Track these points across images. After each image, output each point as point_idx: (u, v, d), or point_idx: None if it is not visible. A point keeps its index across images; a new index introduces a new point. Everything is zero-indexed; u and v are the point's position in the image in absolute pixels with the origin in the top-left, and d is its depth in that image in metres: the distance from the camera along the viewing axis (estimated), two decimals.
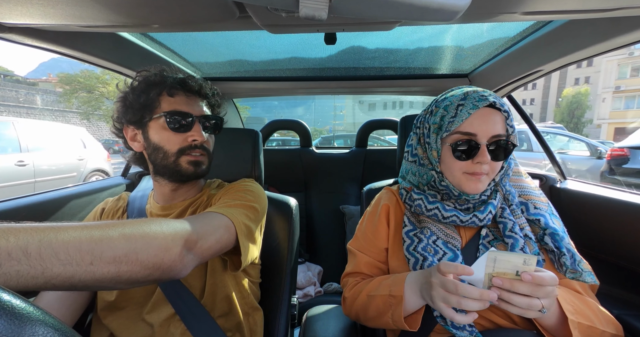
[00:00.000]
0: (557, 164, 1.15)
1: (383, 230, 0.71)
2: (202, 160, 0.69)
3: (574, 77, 33.77)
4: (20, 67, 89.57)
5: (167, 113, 0.65)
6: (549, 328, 0.53)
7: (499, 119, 0.59)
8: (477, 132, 0.58)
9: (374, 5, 0.40)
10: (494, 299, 0.44)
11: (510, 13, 0.56)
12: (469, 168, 0.60)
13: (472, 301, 0.45)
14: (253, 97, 1.75)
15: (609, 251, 0.90)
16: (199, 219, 0.55)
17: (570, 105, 26.83)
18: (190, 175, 0.68)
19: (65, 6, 0.52)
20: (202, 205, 0.72)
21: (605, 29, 0.67)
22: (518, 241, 0.58)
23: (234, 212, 0.62)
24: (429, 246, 0.62)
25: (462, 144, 0.59)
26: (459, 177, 0.61)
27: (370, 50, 1.14)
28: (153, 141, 0.67)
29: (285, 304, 0.81)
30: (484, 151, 0.58)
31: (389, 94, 1.63)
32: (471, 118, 0.59)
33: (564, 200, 1.04)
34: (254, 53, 1.16)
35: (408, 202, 0.70)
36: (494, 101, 0.58)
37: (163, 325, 0.64)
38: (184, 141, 0.66)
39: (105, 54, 0.88)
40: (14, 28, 0.63)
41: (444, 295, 0.47)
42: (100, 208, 0.77)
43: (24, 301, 0.21)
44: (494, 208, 0.62)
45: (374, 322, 0.63)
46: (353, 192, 1.97)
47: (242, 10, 0.56)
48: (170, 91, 0.67)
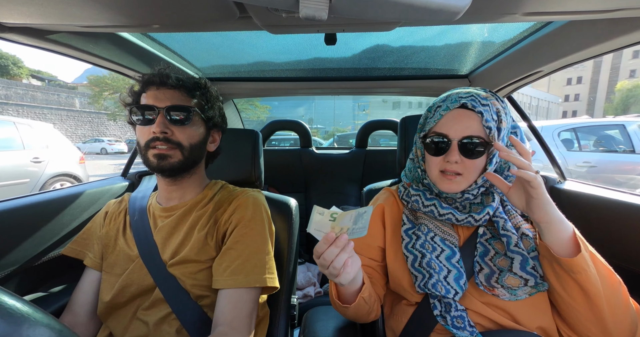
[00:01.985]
0: (557, 165, 1.15)
1: (377, 229, 0.72)
2: (168, 154, 0.66)
3: (630, 69, 29.52)
4: (67, 73, 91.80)
5: (131, 109, 0.68)
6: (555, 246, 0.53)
7: (473, 120, 0.60)
8: (448, 133, 0.62)
9: (374, 5, 0.40)
10: (330, 237, 0.49)
11: (510, 14, 0.56)
12: (442, 165, 0.63)
13: (327, 248, 0.49)
14: (254, 97, 1.75)
15: (610, 251, 0.90)
16: (236, 315, 0.62)
17: (626, 100, 23.94)
18: (155, 168, 0.67)
19: (66, 6, 0.52)
20: (208, 213, 0.72)
21: (606, 30, 0.67)
22: (511, 237, 0.59)
23: (255, 271, 0.66)
24: (427, 243, 0.63)
25: (433, 142, 0.64)
26: (436, 175, 0.64)
27: (371, 51, 1.14)
28: (136, 137, 0.70)
29: (285, 305, 0.81)
30: (453, 149, 0.61)
31: (390, 95, 1.63)
32: (444, 119, 0.63)
33: (564, 200, 1.04)
34: (254, 53, 1.16)
35: (405, 198, 0.71)
36: (465, 103, 0.61)
37: (158, 323, 0.64)
38: (150, 134, 0.66)
39: (105, 54, 0.88)
40: (14, 28, 0.63)
41: (319, 263, 0.51)
42: (104, 212, 0.78)
43: (23, 302, 0.21)
44: (492, 210, 0.63)
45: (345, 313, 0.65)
46: (353, 192, 1.96)
47: (242, 10, 0.56)
48: (144, 86, 0.69)
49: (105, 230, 0.75)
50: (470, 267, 0.61)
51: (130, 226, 0.73)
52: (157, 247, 0.69)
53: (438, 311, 0.59)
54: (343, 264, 0.49)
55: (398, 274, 0.66)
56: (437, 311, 0.59)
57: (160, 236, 0.70)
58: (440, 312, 0.59)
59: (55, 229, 0.71)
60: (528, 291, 0.57)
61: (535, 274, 0.56)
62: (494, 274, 0.58)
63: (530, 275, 0.56)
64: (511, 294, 0.57)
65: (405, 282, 0.65)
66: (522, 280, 0.56)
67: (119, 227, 0.74)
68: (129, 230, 0.73)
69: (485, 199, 0.64)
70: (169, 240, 0.70)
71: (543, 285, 0.56)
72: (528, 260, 0.57)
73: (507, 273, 0.57)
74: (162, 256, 0.68)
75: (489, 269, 0.59)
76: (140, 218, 0.73)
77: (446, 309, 0.58)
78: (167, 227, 0.71)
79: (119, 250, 0.71)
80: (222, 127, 0.79)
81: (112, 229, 0.75)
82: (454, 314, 0.57)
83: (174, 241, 0.69)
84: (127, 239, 0.72)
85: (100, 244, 0.74)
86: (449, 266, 0.60)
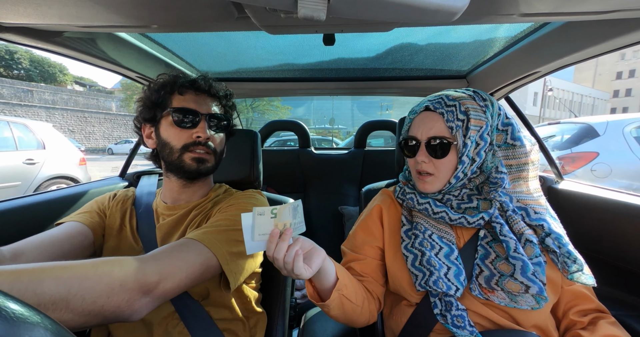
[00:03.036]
0: (554, 165, 1.16)
1: (377, 230, 0.72)
2: (206, 158, 0.70)
3: None
4: (106, 79, 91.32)
5: (173, 109, 0.68)
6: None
7: (437, 121, 0.64)
8: (416, 135, 0.67)
9: (372, 6, 0.40)
10: (276, 233, 0.49)
11: (508, 15, 0.57)
12: (415, 166, 0.68)
13: (273, 245, 0.49)
14: (253, 98, 1.75)
15: (607, 251, 0.90)
16: (168, 253, 0.52)
17: None
18: (192, 171, 0.69)
19: (63, 6, 0.51)
20: (204, 211, 0.72)
21: (603, 31, 0.68)
22: (509, 242, 0.58)
23: (218, 239, 0.58)
24: (425, 241, 0.63)
25: (406, 145, 0.70)
26: (414, 176, 0.69)
27: (369, 52, 1.14)
28: (162, 137, 0.70)
29: (284, 306, 0.81)
30: (421, 150, 0.65)
31: (388, 95, 1.63)
32: (413, 122, 0.69)
33: (562, 200, 1.05)
34: (253, 54, 1.16)
35: (400, 196, 0.72)
36: (428, 105, 0.65)
37: (161, 323, 0.63)
38: (189, 138, 0.68)
39: (103, 54, 0.88)
40: (11, 28, 0.63)
41: (277, 265, 0.51)
42: (112, 193, 0.78)
43: (21, 303, 0.21)
44: (487, 216, 0.62)
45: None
46: (352, 193, 1.97)
47: (240, 10, 0.56)
48: (181, 90, 0.70)
49: (111, 210, 0.74)
50: (470, 270, 0.61)
51: (136, 218, 0.73)
52: (157, 244, 0.69)
53: (438, 310, 0.59)
54: (294, 256, 0.48)
55: (397, 275, 0.66)
56: (438, 309, 0.59)
57: (160, 233, 0.71)
58: (441, 311, 0.59)
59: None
60: (531, 304, 0.55)
61: (535, 280, 0.55)
62: (494, 277, 0.58)
63: (531, 281, 0.54)
64: (511, 299, 0.56)
65: (405, 282, 0.65)
66: (522, 286, 0.55)
67: (124, 213, 0.74)
68: (134, 221, 0.73)
69: (482, 205, 0.64)
70: (168, 238, 0.70)
71: (546, 299, 0.55)
72: (528, 265, 0.55)
73: (508, 278, 0.56)
74: None
75: (489, 272, 0.59)
76: (146, 214, 0.73)
77: (447, 308, 0.58)
78: (166, 226, 0.71)
79: (123, 236, 0.71)
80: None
81: (117, 210, 0.74)
82: (455, 313, 0.57)
83: (172, 239, 0.70)
84: (133, 230, 0.72)
85: (101, 217, 0.72)
86: (448, 262, 0.61)
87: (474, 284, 0.59)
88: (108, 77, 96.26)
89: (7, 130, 3.62)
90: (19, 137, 3.69)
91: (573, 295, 0.62)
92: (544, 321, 0.58)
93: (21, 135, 3.73)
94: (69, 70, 27.82)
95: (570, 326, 0.61)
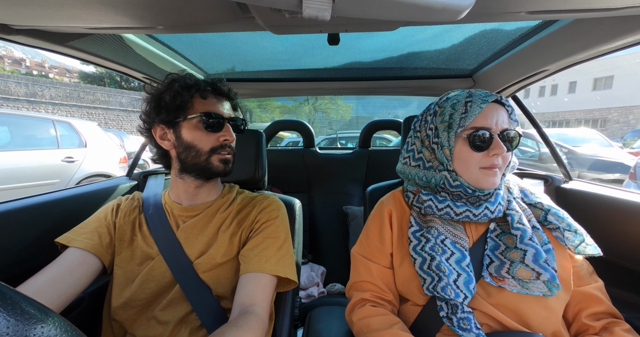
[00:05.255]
0: (563, 165, 1.14)
1: (387, 234, 0.71)
2: (230, 159, 0.75)
3: None
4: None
5: (203, 114, 0.70)
6: None
7: (504, 114, 0.63)
8: (490, 126, 0.61)
9: (377, 5, 0.39)
10: None
11: (515, 12, 0.56)
12: (485, 161, 0.61)
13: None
14: (257, 98, 1.75)
15: (618, 252, 0.88)
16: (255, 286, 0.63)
17: None
18: (219, 172, 0.73)
19: (71, 8, 0.52)
20: (230, 215, 0.75)
21: (613, 28, 0.66)
22: (526, 231, 0.59)
23: (275, 262, 0.68)
24: (436, 246, 0.62)
25: (478, 137, 0.61)
26: (476, 174, 0.62)
27: (374, 51, 1.14)
28: (185, 140, 0.70)
29: (288, 305, 0.81)
30: (498, 142, 0.61)
31: (394, 95, 1.62)
32: (483, 112, 0.62)
33: (571, 201, 1.03)
34: (258, 54, 1.17)
35: (417, 204, 0.70)
36: (500, 97, 0.64)
37: (178, 323, 0.64)
38: (216, 141, 0.71)
39: (110, 55, 0.89)
40: (21, 30, 0.64)
41: None
42: (115, 204, 0.77)
43: (33, 302, 0.21)
44: (502, 199, 0.64)
45: None
46: (356, 192, 1.96)
47: (245, 11, 0.56)
48: (203, 93, 0.72)
49: (119, 223, 0.73)
50: (478, 266, 0.61)
51: (146, 223, 0.73)
52: (180, 245, 0.70)
53: (444, 313, 0.59)
54: None
55: (405, 277, 0.66)
56: (444, 312, 0.59)
57: (183, 234, 0.71)
58: (447, 314, 0.58)
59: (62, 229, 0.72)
60: (543, 290, 0.56)
61: (547, 267, 0.55)
62: (504, 265, 0.59)
63: (543, 268, 0.55)
64: (522, 286, 0.56)
65: (413, 285, 0.64)
66: (533, 272, 0.56)
67: (134, 224, 0.74)
68: (145, 227, 0.73)
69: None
70: (195, 239, 0.71)
71: (558, 287, 0.55)
72: (541, 253, 0.57)
73: (519, 264, 0.57)
74: (188, 254, 0.69)
75: (499, 262, 0.60)
76: (157, 217, 0.73)
77: (452, 311, 0.58)
78: (190, 227, 0.72)
79: (135, 246, 0.71)
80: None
81: (126, 223, 0.73)
82: (460, 316, 0.57)
83: (200, 240, 0.71)
84: (145, 237, 0.72)
85: (109, 234, 0.71)
86: (459, 269, 0.60)
87: (485, 272, 0.59)
88: None
89: (52, 128, 3.75)
90: (62, 135, 3.79)
91: (583, 296, 0.61)
92: (556, 324, 0.57)
93: (65, 134, 3.83)
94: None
95: (582, 330, 0.60)
